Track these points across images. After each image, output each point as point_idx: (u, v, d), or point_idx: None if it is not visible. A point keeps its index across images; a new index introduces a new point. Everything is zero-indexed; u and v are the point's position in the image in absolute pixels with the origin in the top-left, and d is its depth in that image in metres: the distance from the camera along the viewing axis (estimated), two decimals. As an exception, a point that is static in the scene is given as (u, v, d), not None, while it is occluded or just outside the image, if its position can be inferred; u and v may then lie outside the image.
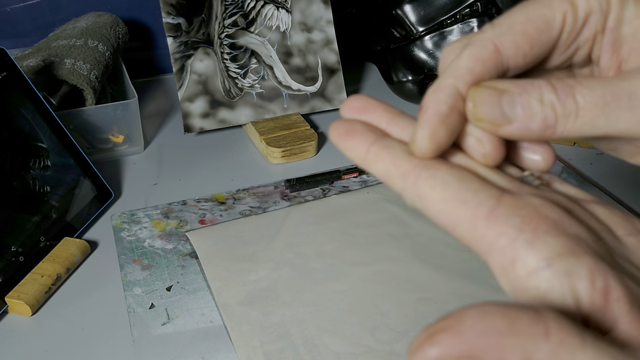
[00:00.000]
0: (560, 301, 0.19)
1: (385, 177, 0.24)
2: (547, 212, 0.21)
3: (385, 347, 0.50)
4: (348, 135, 0.25)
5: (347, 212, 0.65)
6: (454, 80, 0.24)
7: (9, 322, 0.54)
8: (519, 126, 0.23)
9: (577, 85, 0.23)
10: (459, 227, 0.22)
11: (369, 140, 0.24)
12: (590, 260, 0.19)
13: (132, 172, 0.74)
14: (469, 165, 0.24)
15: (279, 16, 0.83)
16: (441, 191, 0.22)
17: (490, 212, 0.21)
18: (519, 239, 0.20)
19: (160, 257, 0.60)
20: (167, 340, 0.51)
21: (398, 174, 0.23)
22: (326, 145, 0.80)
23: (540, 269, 0.20)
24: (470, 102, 0.23)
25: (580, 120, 0.23)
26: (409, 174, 0.23)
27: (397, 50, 0.89)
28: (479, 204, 0.21)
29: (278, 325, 0.51)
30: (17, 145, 0.60)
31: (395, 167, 0.23)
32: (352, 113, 0.26)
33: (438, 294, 0.55)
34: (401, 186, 0.23)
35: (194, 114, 0.79)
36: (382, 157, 0.24)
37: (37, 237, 0.59)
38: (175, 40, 0.78)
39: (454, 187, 0.22)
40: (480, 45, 0.24)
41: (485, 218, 0.21)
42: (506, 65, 0.24)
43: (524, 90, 0.23)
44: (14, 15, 0.88)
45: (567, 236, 0.20)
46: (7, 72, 0.61)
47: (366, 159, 0.24)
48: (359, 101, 0.26)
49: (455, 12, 0.85)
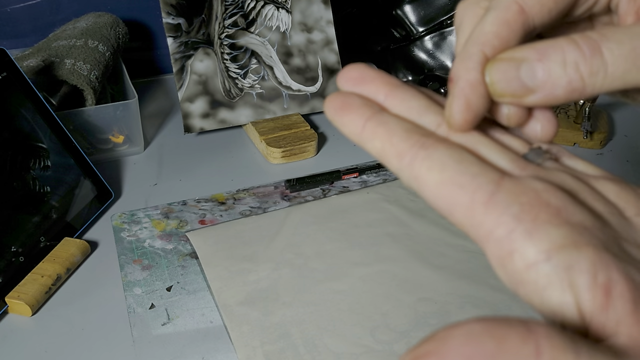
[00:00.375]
0: (559, 297, 0.18)
1: (381, 155, 0.23)
2: (549, 199, 0.20)
3: (385, 347, 0.50)
4: (344, 109, 0.23)
5: (347, 212, 0.65)
6: (481, 46, 0.23)
7: (9, 322, 0.54)
8: (544, 94, 0.22)
9: (603, 39, 0.21)
10: (456, 212, 0.20)
11: (365, 115, 0.23)
12: (592, 252, 0.18)
13: (132, 172, 0.74)
14: (470, 143, 0.23)
15: (279, 16, 0.83)
16: (438, 173, 0.21)
17: (489, 198, 0.20)
18: (517, 229, 0.19)
19: (161, 258, 0.60)
20: (167, 341, 0.51)
21: (394, 153, 0.22)
22: (326, 145, 0.80)
23: (539, 262, 0.19)
24: (487, 77, 0.22)
25: (611, 77, 0.21)
26: (405, 153, 0.22)
27: (397, 51, 0.89)
28: (478, 188, 0.20)
29: (278, 326, 0.51)
30: (17, 146, 0.60)
31: (391, 146, 0.22)
32: (349, 85, 0.24)
33: (438, 294, 0.55)
34: (397, 166, 0.22)
35: (194, 114, 0.79)
36: (378, 134, 0.23)
37: (37, 237, 0.59)
38: (176, 40, 0.78)
39: (452, 169, 0.21)
40: (503, 7, 0.23)
41: (484, 204, 0.20)
42: (532, 24, 0.23)
43: (543, 55, 0.22)
44: (14, 16, 0.88)
45: (570, 225, 0.19)
46: (7, 73, 0.61)
47: (362, 136, 0.23)
48: (357, 71, 0.24)
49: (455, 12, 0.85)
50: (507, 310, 0.53)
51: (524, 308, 0.53)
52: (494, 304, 0.54)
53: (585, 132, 0.78)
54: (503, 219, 0.19)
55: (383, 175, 0.73)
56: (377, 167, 0.73)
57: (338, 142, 0.81)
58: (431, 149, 0.21)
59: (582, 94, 0.22)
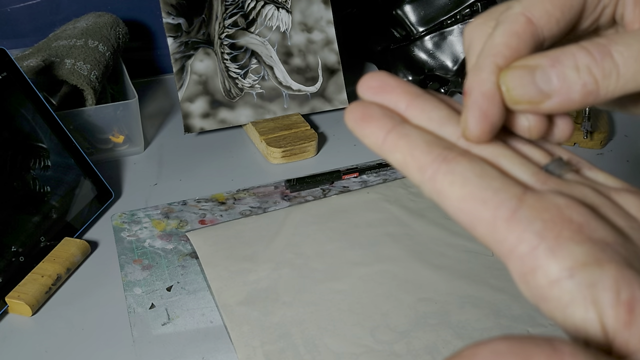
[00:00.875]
0: (583, 314, 0.18)
1: (403, 168, 0.23)
2: (571, 215, 0.20)
3: (385, 347, 0.50)
4: (365, 120, 0.23)
5: (347, 212, 0.65)
6: (493, 57, 0.23)
7: (9, 322, 0.54)
8: (560, 99, 0.22)
9: (612, 43, 0.22)
10: (478, 227, 0.21)
11: (386, 127, 0.23)
12: (615, 270, 0.18)
13: (132, 172, 0.74)
14: (491, 155, 0.23)
15: (279, 16, 0.83)
16: (460, 188, 0.21)
17: (511, 214, 0.20)
18: (540, 246, 0.19)
19: (161, 257, 0.60)
20: (167, 341, 0.51)
21: (416, 166, 0.22)
22: (326, 145, 0.80)
23: (562, 279, 0.19)
24: (503, 86, 0.22)
25: (623, 79, 0.22)
26: (427, 166, 0.22)
27: (397, 51, 0.89)
28: (500, 204, 0.20)
29: (278, 326, 0.51)
30: (18, 146, 0.60)
31: (413, 159, 0.22)
32: (370, 94, 0.24)
33: (438, 294, 0.55)
34: (419, 179, 0.22)
35: (194, 114, 0.79)
36: (400, 147, 0.23)
37: (37, 237, 0.59)
38: (176, 40, 0.78)
39: (474, 184, 0.21)
40: (511, 21, 0.23)
41: (506, 220, 0.20)
42: (541, 35, 0.23)
43: (556, 61, 0.22)
44: (14, 16, 0.88)
45: (592, 242, 0.19)
46: (8, 73, 0.61)
47: (383, 148, 0.23)
48: (377, 80, 0.24)
49: (456, 12, 0.85)
50: (507, 310, 0.53)
51: (525, 308, 0.53)
52: (494, 304, 0.54)
53: (585, 132, 0.78)
54: (526, 235, 0.19)
55: (383, 175, 0.73)
56: (377, 167, 0.73)
57: (338, 142, 0.81)
58: (453, 162, 0.21)
59: (597, 97, 0.22)
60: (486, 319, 0.52)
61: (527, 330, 0.51)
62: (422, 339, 0.50)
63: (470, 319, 0.52)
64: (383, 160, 0.75)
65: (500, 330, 0.51)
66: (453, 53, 0.85)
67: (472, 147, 0.23)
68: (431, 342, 0.50)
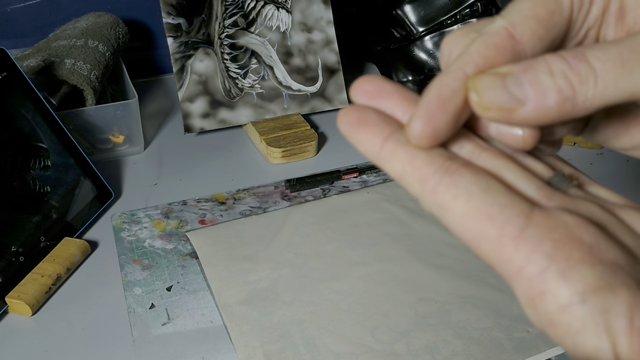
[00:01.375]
0: (595, 342, 0.18)
1: (401, 178, 0.21)
2: (581, 235, 0.19)
3: (385, 347, 0.50)
4: (360, 125, 0.22)
5: (347, 212, 0.65)
6: (463, 64, 0.21)
7: (9, 322, 0.54)
8: (534, 106, 0.20)
9: (588, 49, 0.20)
10: (483, 245, 0.19)
11: (383, 133, 0.21)
12: (628, 294, 0.18)
13: (132, 172, 0.74)
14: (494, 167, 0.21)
15: (279, 16, 0.83)
16: (464, 203, 0.20)
17: (519, 233, 0.19)
18: (550, 268, 0.18)
19: (161, 257, 0.60)
20: (167, 341, 0.51)
21: (416, 177, 0.21)
22: (326, 145, 0.80)
23: (573, 304, 0.18)
24: (472, 92, 0.21)
25: (602, 84, 0.20)
26: (428, 178, 0.21)
27: (397, 51, 0.89)
28: (507, 221, 0.19)
29: (278, 325, 0.51)
30: (17, 146, 0.60)
31: (412, 169, 0.21)
32: (364, 98, 0.23)
33: (438, 294, 0.55)
34: (419, 191, 0.21)
35: (194, 114, 0.79)
36: (398, 156, 0.21)
37: (37, 237, 0.59)
38: (176, 40, 0.78)
39: (479, 199, 0.20)
40: (492, 33, 0.22)
41: (514, 239, 0.19)
42: (522, 52, 0.22)
43: (528, 67, 0.20)
44: (14, 15, 0.88)
45: (603, 265, 0.18)
46: (7, 72, 0.61)
47: (380, 156, 0.22)
48: (372, 84, 0.23)
49: (456, 12, 0.85)
50: (507, 310, 0.53)
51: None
52: (494, 304, 0.54)
53: None
54: (535, 256, 0.18)
55: (383, 175, 0.73)
56: (377, 167, 0.73)
57: (338, 142, 0.81)
58: (456, 174, 0.20)
59: (575, 105, 0.20)
60: (486, 319, 0.52)
61: (527, 331, 0.51)
62: (422, 339, 0.50)
63: (470, 319, 0.52)
64: (383, 160, 0.75)
65: (500, 330, 0.51)
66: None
67: (474, 158, 0.22)
68: (431, 342, 0.50)
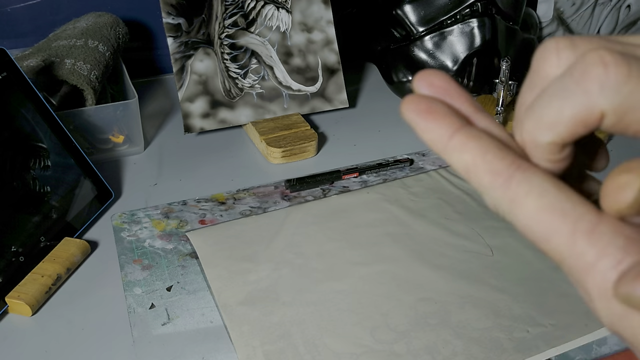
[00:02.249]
0: None
1: (469, 170, 0.21)
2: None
3: (385, 347, 0.50)
4: (430, 114, 0.21)
5: (347, 212, 0.65)
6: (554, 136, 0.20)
7: (9, 322, 0.54)
8: None
9: None
10: (555, 239, 0.19)
11: (454, 124, 0.21)
12: None
13: (132, 172, 0.74)
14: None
15: (279, 16, 0.83)
16: (537, 198, 0.20)
17: (592, 228, 0.19)
18: (625, 260, 0.18)
19: (161, 257, 0.60)
20: (167, 341, 0.51)
21: (487, 170, 0.20)
22: (326, 145, 0.80)
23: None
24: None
25: None
26: (500, 172, 0.20)
27: (397, 51, 0.89)
28: (580, 217, 0.19)
29: (278, 325, 0.51)
30: (18, 146, 0.60)
31: (484, 162, 0.20)
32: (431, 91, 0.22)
33: (438, 294, 0.55)
34: (488, 184, 0.20)
35: (194, 114, 0.79)
36: (470, 148, 0.21)
37: (37, 237, 0.59)
38: (176, 40, 0.78)
39: (553, 195, 0.20)
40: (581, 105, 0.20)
41: (587, 234, 0.19)
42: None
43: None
44: (14, 15, 0.88)
45: None
46: (8, 72, 0.61)
47: (448, 146, 0.21)
48: (441, 80, 0.22)
49: (456, 12, 0.85)
50: (507, 310, 0.53)
51: (525, 308, 0.53)
52: (494, 304, 0.54)
53: None
54: (609, 250, 0.19)
55: (383, 175, 0.73)
56: (377, 167, 0.73)
57: (338, 142, 0.81)
58: (529, 172, 0.20)
59: None
60: (486, 319, 0.52)
61: (527, 331, 0.51)
62: (422, 339, 0.50)
63: (470, 319, 0.52)
64: (383, 160, 0.75)
65: (500, 330, 0.51)
66: (453, 53, 0.85)
67: None
68: (431, 342, 0.50)
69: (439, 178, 0.71)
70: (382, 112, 0.88)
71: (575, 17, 0.96)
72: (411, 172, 0.73)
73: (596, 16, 0.95)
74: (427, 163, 0.75)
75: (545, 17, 0.97)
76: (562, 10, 0.96)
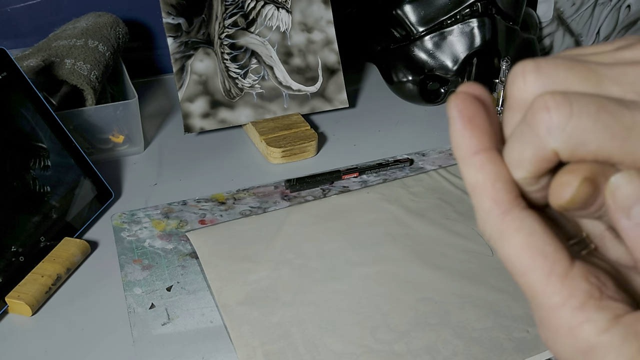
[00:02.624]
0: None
1: (476, 189, 0.23)
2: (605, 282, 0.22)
3: (385, 347, 0.50)
4: (471, 122, 0.23)
5: (347, 212, 0.65)
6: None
7: (9, 322, 0.54)
8: None
9: None
10: (531, 276, 0.22)
11: (484, 143, 0.23)
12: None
13: (132, 172, 0.74)
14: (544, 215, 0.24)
15: (279, 16, 0.83)
16: (525, 237, 0.22)
17: (566, 272, 0.22)
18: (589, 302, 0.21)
19: (161, 257, 0.60)
20: (167, 341, 0.51)
21: (491, 196, 0.22)
22: (326, 145, 0.80)
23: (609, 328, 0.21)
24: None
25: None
26: (502, 203, 0.22)
27: (397, 51, 0.89)
28: (557, 261, 0.22)
29: (278, 326, 0.51)
30: (18, 146, 0.60)
31: (492, 188, 0.22)
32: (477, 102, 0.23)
33: (438, 294, 0.55)
34: (487, 209, 0.22)
35: (194, 114, 0.79)
36: (486, 170, 0.22)
37: (37, 237, 0.59)
38: (176, 40, 0.78)
39: (539, 237, 0.22)
40: None
41: (561, 277, 0.21)
42: None
43: None
44: (14, 15, 0.88)
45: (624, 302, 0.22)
46: (8, 72, 0.61)
47: (469, 159, 0.23)
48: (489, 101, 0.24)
49: (455, 12, 0.85)
50: (507, 310, 0.53)
51: (525, 308, 0.53)
52: (494, 304, 0.54)
53: None
54: (577, 292, 0.21)
55: (383, 175, 0.73)
56: (377, 167, 0.73)
57: (338, 142, 0.81)
58: (525, 212, 0.22)
59: None
60: (486, 319, 0.52)
61: (527, 331, 0.51)
62: (422, 339, 0.50)
63: (470, 319, 0.52)
64: (383, 160, 0.75)
65: (500, 330, 0.51)
66: (453, 53, 0.85)
67: None
68: (431, 342, 0.50)
69: (439, 178, 0.71)
70: (382, 112, 0.88)
71: (575, 17, 0.96)
72: (411, 172, 0.73)
73: (596, 16, 0.95)
74: (427, 163, 0.75)
75: (545, 17, 0.97)
76: (562, 10, 0.96)
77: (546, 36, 0.98)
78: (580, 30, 0.96)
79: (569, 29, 0.97)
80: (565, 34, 0.97)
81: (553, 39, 0.98)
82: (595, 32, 0.96)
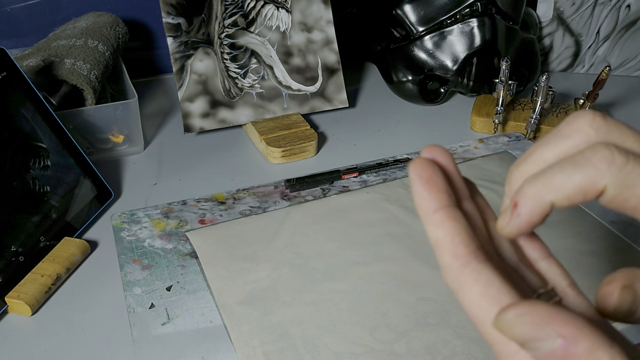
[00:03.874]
0: None
1: (437, 245, 0.25)
2: None
3: (385, 347, 0.50)
4: (429, 184, 0.25)
5: (347, 212, 0.65)
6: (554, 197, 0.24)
7: (9, 322, 0.54)
8: None
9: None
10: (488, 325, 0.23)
11: (442, 201, 0.25)
12: None
13: (132, 172, 0.74)
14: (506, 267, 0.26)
15: (279, 16, 0.83)
16: (482, 287, 0.23)
17: None
18: None
19: (160, 257, 0.60)
20: (167, 340, 0.51)
21: (450, 251, 0.24)
22: (326, 145, 0.80)
23: None
24: None
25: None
26: (461, 257, 0.24)
27: (397, 50, 0.89)
28: None
29: (278, 325, 0.51)
30: (17, 145, 0.60)
31: (452, 243, 0.24)
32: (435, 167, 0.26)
33: (438, 294, 0.55)
34: (447, 263, 0.24)
35: (194, 114, 0.79)
36: (445, 227, 0.24)
37: (37, 237, 0.59)
38: (175, 40, 0.78)
39: (495, 287, 0.23)
40: None
41: None
42: None
43: None
44: (14, 15, 0.88)
45: None
46: (7, 72, 0.61)
47: (429, 217, 0.25)
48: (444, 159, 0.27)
49: (455, 12, 0.85)
50: (507, 310, 0.53)
51: (524, 308, 0.53)
52: (494, 304, 0.54)
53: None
54: None
55: (383, 175, 0.73)
56: (377, 167, 0.73)
57: (338, 142, 0.81)
58: (483, 264, 0.24)
59: None
60: (486, 318, 0.52)
61: (527, 330, 0.51)
62: (422, 339, 0.50)
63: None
64: (383, 160, 0.75)
65: (500, 330, 0.51)
66: (453, 53, 0.85)
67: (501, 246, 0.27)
68: (431, 342, 0.50)
69: (439, 178, 0.71)
70: (382, 112, 0.88)
71: (575, 17, 0.96)
72: (411, 172, 0.73)
73: (596, 16, 0.95)
74: (427, 163, 0.75)
75: (545, 17, 0.97)
76: (562, 10, 0.96)
77: (546, 36, 0.98)
78: (580, 30, 0.96)
79: (568, 29, 0.97)
80: (565, 33, 0.97)
81: (553, 38, 0.98)
82: (595, 31, 0.96)
